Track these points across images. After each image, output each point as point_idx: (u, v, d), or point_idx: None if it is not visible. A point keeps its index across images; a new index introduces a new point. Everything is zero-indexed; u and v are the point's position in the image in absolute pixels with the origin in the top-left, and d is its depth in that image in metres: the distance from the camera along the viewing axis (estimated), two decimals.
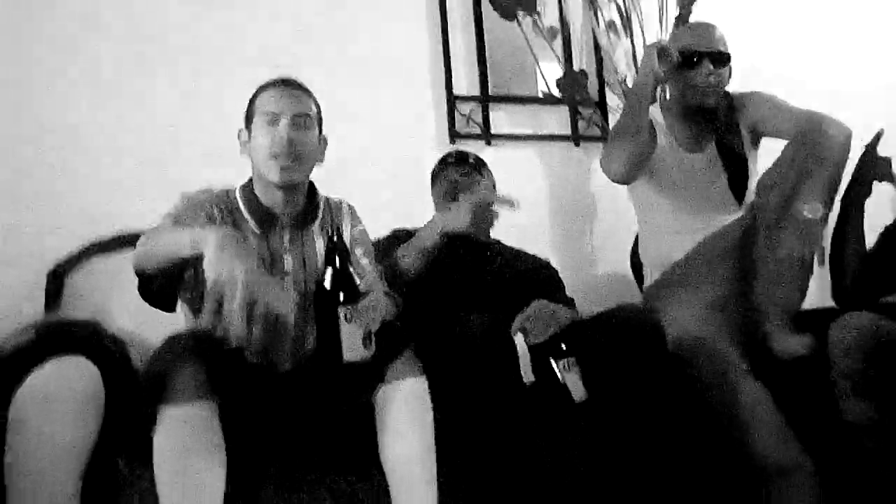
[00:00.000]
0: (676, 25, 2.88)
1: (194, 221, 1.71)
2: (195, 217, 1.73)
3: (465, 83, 2.93)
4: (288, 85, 1.82)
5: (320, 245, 1.85)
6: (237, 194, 1.83)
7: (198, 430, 1.46)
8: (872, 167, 2.23)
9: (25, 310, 2.16)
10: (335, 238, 1.62)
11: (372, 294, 1.58)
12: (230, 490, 1.50)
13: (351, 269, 1.60)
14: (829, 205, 2.19)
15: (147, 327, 1.78)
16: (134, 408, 1.56)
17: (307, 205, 1.86)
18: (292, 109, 1.77)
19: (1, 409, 1.51)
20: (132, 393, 1.57)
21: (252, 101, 1.83)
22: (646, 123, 2.25)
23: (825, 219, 2.16)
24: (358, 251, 1.90)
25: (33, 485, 1.50)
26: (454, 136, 2.86)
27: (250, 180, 1.85)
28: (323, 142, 1.88)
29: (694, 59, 2.28)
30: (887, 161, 2.28)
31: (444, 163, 2.38)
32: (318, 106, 1.87)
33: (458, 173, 2.31)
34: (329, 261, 1.60)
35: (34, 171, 2.36)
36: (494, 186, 2.39)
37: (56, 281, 2.24)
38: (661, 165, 2.36)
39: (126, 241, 2.29)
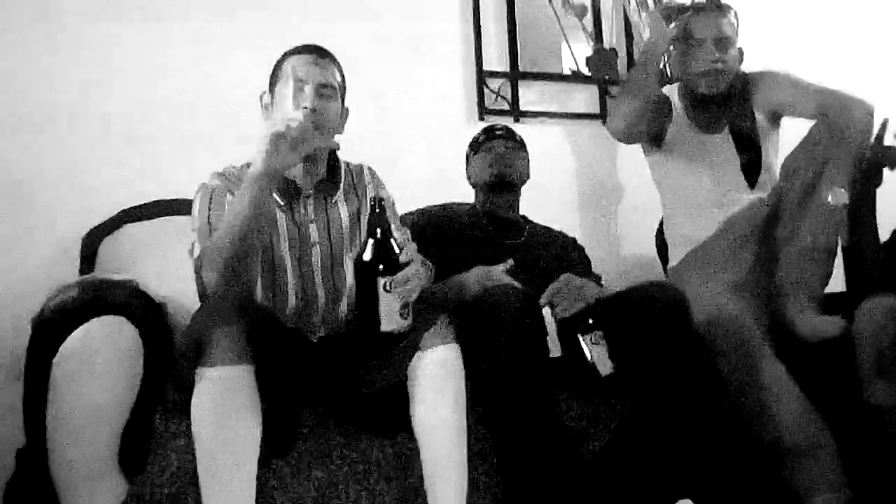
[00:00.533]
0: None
1: (221, 207, 1.73)
2: (221, 202, 1.75)
3: (496, 60, 2.93)
4: (315, 53, 1.82)
5: (344, 212, 1.87)
6: None
7: (235, 391, 1.49)
8: (882, 156, 2.21)
9: (60, 275, 2.21)
10: (377, 209, 1.61)
11: (412, 265, 1.59)
12: (264, 451, 1.54)
13: (392, 241, 1.61)
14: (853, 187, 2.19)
15: (178, 293, 1.82)
16: (171, 367, 1.60)
17: (329, 173, 1.88)
18: (317, 79, 1.78)
19: (44, 366, 1.56)
20: (169, 353, 1.62)
21: (278, 66, 1.84)
22: (652, 84, 2.26)
23: (848, 203, 2.15)
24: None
25: (74, 440, 1.55)
26: (483, 112, 2.86)
27: None
28: (345, 113, 1.89)
29: (696, 42, 2.27)
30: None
31: (490, 133, 2.38)
32: (343, 76, 1.88)
33: (505, 146, 2.32)
34: (371, 232, 1.61)
35: (69, 138, 2.39)
36: (529, 171, 2.41)
37: (90, 247, 2.28)
38: (679, 145, 2.37)
39: (159, 207, 2.34)
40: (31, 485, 1.71)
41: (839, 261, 2.26)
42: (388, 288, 1.56)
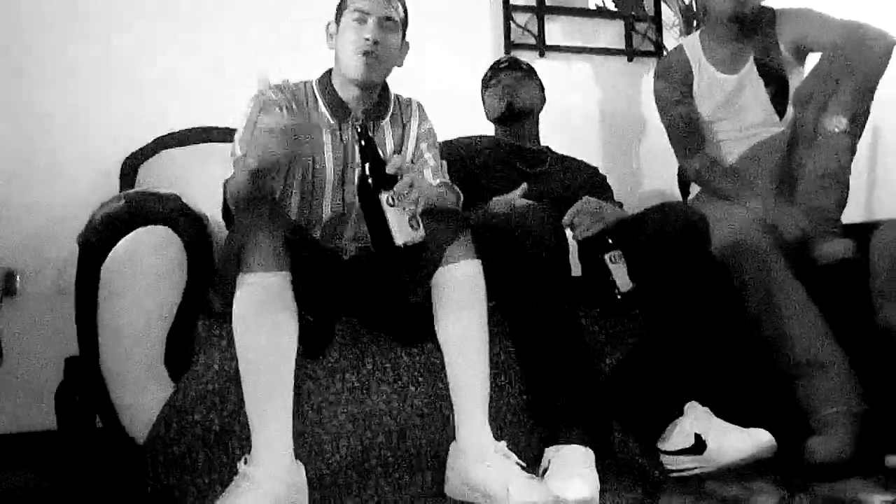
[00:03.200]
0: None
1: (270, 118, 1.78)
2: (272, 113, 1.79)
3: None
4: None
5: (389, 137, 1.94)
6: (314, 85, 1.92)
7: (274, 296, 1.58)
8: None
9: (101, 199, 2.31)
10: (361, 132, 1.66)
11: (406, 176, 1.61)
12: (301, 354, 1.63)
13: (384, 160, 1.64)
14: (863, 116, 2.21)
15: (213, 216, 1.90)
16: (213, 276, 1.69)
17: (379, 101, 1.95)
18: (380, 11, 1.84)
19: (93, 274, 1.66)
20: (211, 262, 1.70)
21: None
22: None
23: (853, 139, 2.18)
24: (423, 146, 1.99)
25: (123, 342, 1.66)
26: (509, 46, 2.90)
27: (328, 72, 1.93)
28: (406, 47, 1.95)
29: None
30: None
31: (496, 67, 2.44)
32: (406, 11, 1.93)
33: (511, 77, 2.38)
34: (364, 156, 1.65)
35: (109, 68, 2.48)
36: (544, 96, 2.45)
37: (129, 171, 2.37)
38: (706, 96, 2.41)
39: (195, 134, 2.42)
40: (82, 389, 1.83)
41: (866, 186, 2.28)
42: (391, 202, 1.58)
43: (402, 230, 1.58)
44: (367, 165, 1.63)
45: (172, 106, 2.48)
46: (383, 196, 1.59)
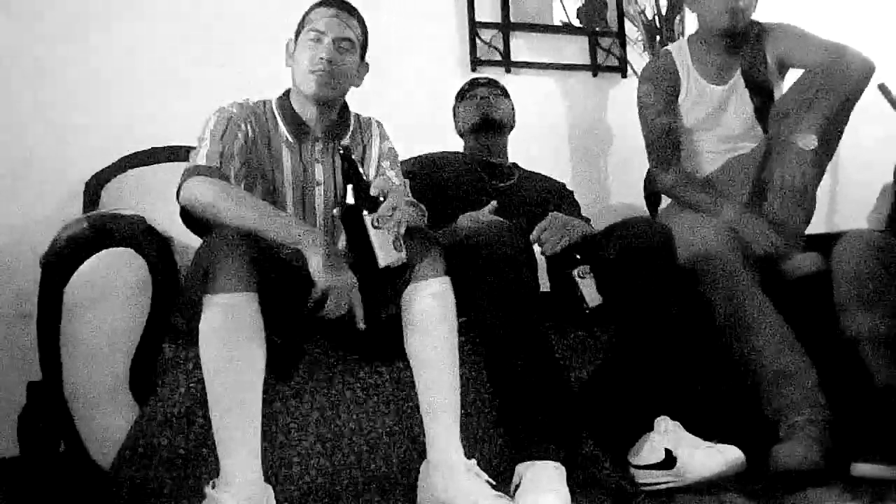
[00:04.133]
0: None
1: (233, 142, 1.79)
2: (233, 137, 1.80)
3: (488, 11, 2.99)
4: (339, 7, 1.89)
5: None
6: (273, 104, 1.92)
7: (240, 316, 1.56)
8: None
9: (65, 219, 2.27)
10: (344, 154, 1.69)
11: (390, 198, 1.65)
12: (269, 376, 1.62)
13: (368, 182, 1.67)
14: (836, 137, 2.25)
15: (178, 236, 1.88)
16: (178, 297, 1.67)
17: (339, 120, 1.95)
18: (336, 32, 1.85)
19: (56, 297, 1.63)
20: (176, 284, 1.69)
21: (304, 17, 1.91)
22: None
23: (820, 155, 2.20)
24: (385, 164, 1.99)
25: (87, 366, 1.64)
26: (475, 62, 2.92)
27: (287, 92, 1.94)
28: (364, 67, 1.96)
29: None
30: None
31: (473, 82, 2.50)
32: (365, 32, 1.94)
33: (488, 92, 2.42)
34: (347, 178, 1.68)
35: (73, 87, 2.45)
36: (515, 116, 2.48)
37: (94, 191, 2.34)
38: (686, 104, 2.43)
39: (161, 153, 2.40)
40: (45, 414, 1.80)
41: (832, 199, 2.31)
42: (376, 224, 1.61)
43: (388, 252, 1.62)
44: (350, 187, 1.65)
45: (138, 124, 2.45)
46: (368, 218, 1.62)
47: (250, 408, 1.57)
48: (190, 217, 1.73)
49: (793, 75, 2.37)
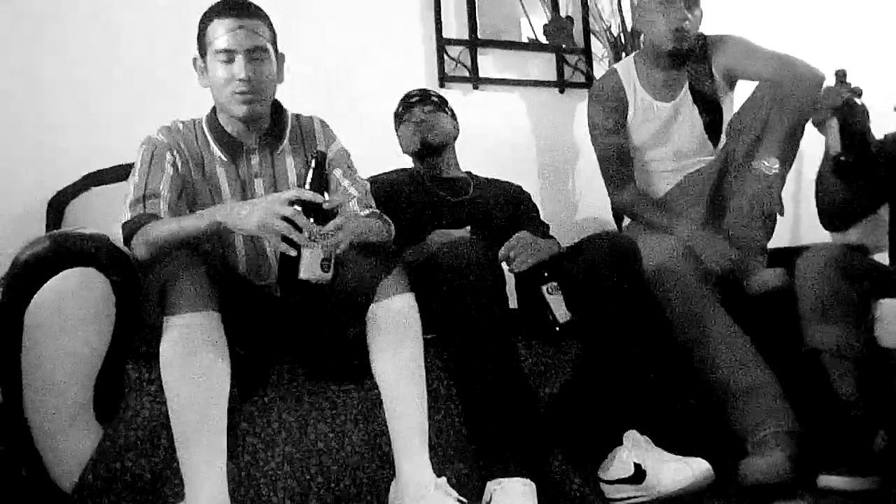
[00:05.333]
0: None
1: (160, 177, 1.76)
2: (160, 171, 1.77)
3: (455, 28, 2.99)
4: (238, 14, 1.77)
5: (291, 164, 1.88)
6: (203, 124, 1.86)
7: (202, 336, 1.54)
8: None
9: (25, 240, 2.23)
10: (316, 163, 1.65)
11: (339, 217, 1.60)
12: (234, 394, 1.60)
13: (325, 195, 1.63)
14: (791, 158, 2.27)
15: None
16: (141, 317, 1.65)
17: (273, 125, 1.87)
18: (246, 44, 1.74)
19: (17, 317, 1.60)
20: (140, 304, 1.66)
21: (203, 31, 1.80)
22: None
23: (783, 175, 2.22)
24: (337, 172, 1.91)
25: (49, 388, 1.60)
26: (443, 78, 2.93)
27: (215, 108, 1.87)
28: (281, 58, 1.85)
29: (666, 1, 2.32)
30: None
31: (407, 102, 2.42)
32: (271, 28, 1.83)
33: (423, 112, 2.36)
34: (312, 184, 1.63)
35: (35, 106, 2.41)
36: (457, 123, 2.44)
37: (56, 210, 2.31)
38: (634, 122, 2.45)
39: (124, 171, 2.36)
40: (6, 438, 1.76)
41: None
42: (312, 237, 1.56)
43: (311, 268, 1.56)
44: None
45: (102, 142, 2.42)
46: (305, 231, 1.56)
47: (215, 428, 1.55)
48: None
49: (746, 87, 2.40)
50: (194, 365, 1.54)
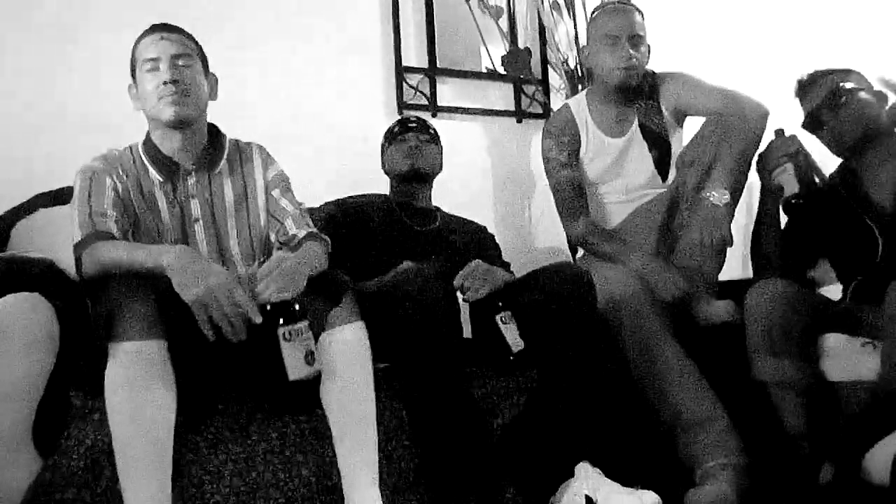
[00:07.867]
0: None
1: (102, 197, 1.76)
2: (101, 192, 1.77)
3: (415, 57, 3.02)
4: (162, 30, 1.84)
5: (228, 187, 1.89)
6: (139, 148, 1.87)
7: (147, 364, 1.51)
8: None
9: None
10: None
11: (264, 267, 1.64)
12: (181, 425, 1.56)
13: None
14: (740, 190, 2.32)
15: None
16: (86, 343, 1.61)
17: (209, 147, 1.89)
18: (170, 51, 1.80)
19: None
20: (85, 329, 1.62)
21: (133, 53, 1.86)
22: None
23: (732, 206, 2.26)
24: (275, 193, 1.92)
25: None
26: (402, 106, 2.93)
27: (149, 134, 1.89)
28: (212, 79, 1.91)
29: (612, 39, 2.36)
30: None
31: (404, 125, 2.44)
32: (197, 45, 1.89)
33: (418, 139, 2.39)
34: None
35: None
36: (442, 161, 2.48)
37: (3, 231, 2.25)
38: (587, 158, 2.49)
39: (72, 193, 2.32)
40: None
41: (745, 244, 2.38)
42: (287, 337, 1.57)
43: (297, 367, 1.58)
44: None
45: (48, 163, 2.37)
46: (281, 330, 1.57)
47: (160, 459, 1.52)
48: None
49: (695, 122, 2.46)
50: (140, 394, 1.50)
